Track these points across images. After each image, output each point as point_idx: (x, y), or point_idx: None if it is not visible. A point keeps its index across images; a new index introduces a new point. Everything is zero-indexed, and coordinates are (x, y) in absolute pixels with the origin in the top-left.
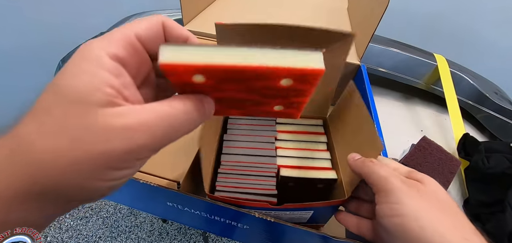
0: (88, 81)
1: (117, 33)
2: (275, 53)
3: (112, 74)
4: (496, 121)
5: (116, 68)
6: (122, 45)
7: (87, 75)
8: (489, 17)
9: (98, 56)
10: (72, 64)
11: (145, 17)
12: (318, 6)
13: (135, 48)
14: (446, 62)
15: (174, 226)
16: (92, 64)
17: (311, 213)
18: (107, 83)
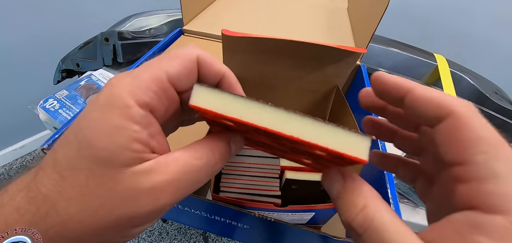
0: (116, 139)
1: (147, 73)
2: (316, 126)
3: (141, 126)
4: (496, 121)
5: (146, 118)
6: (153, 90)
7: (114, 131)
8: (489, 17)
9: (127, 105)
10: (98, 111)
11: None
12: (318, 6)
13: (166, 90)
14: (446, 62)
15: (174, 226)
16: (120, 117)
17: (313, 214)
18: (135, 138)
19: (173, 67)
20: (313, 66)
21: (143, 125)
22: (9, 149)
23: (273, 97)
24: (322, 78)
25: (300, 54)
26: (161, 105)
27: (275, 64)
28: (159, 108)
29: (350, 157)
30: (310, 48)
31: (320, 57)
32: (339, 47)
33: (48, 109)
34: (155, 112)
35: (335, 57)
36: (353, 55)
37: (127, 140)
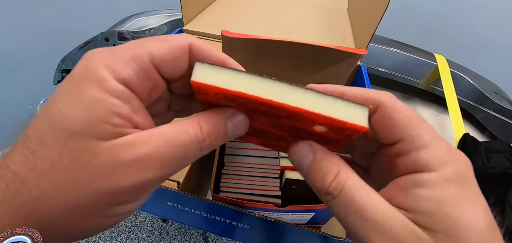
0: (93, 111)
1: (128, 51)
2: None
3: (121, 101)
4: (496, 121)
5: (125, 93)
6: (132, 67)
7: (91, 103)
8: (490, 17)
9: (103, 78)
10: (73, 85)
11: (169, 36)
12: (318, 6)
13: (147, 71)
14: (446, 62)
15: (174, 226)
16: (96, 89)
17: (313, 215)
18: (115, 112)
19: (159, 50)
20: (313, 67)
21: (123, 99)
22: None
23: None
24: (322, 79)
25: (299, 55)
26: (141, 86)
27: (274, 65)
28: (139, 89)
29: (352, 126)
30: (310, 49)
31: (320, 58)
32: (339, 48)
33: None
34: (135, 92)
35: (335, 58)
36: (353, 56)
37: (105, 112)
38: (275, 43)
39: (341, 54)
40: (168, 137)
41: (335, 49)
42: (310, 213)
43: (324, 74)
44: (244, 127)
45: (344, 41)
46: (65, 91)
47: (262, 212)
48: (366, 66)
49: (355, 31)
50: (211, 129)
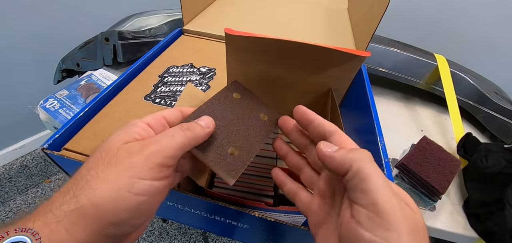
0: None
1: (151, 114)
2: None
3: (141, 129)
4: (496, 121)
5: (145, 127)
6: (151, 118)
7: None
8: (490, 17)
9: (136, 122)
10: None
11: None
12: (318, 6)
13: (160, 121)
14: (446, 62)
15: (174, 226)
16: (131, 125)
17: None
18: (136, 132)
19: (165, 112)
20: (316, 68)
21: (144, 129)
22: (9, 148)
23: (276, 96)
24: (325, 80)
25: (303, 56)
26: (157, 126)
27: (277, 64)
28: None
29: None
30: (314, 51)
31: (323, 60)
32: (343, 51)
33: (48, 109)
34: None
35: (339, 61)
36: (357, 58)
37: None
38: (278, 42)
39: (344, 56)
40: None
41: (338, 51)
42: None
43: (327, 75)
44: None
45: (344, 41)
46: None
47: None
48: (366, 66)
49: (355, 31)
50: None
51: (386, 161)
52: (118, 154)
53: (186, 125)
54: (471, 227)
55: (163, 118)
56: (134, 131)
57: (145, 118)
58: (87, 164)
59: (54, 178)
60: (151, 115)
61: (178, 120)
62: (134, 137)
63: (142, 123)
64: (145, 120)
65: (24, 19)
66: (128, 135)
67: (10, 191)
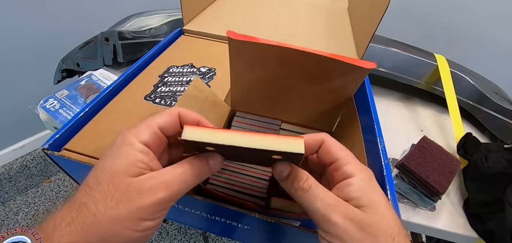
0: (127, 160)
1: (144, 125)
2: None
3: (142, 154)
4: (496, 121)
5: (145, 149)
6: (148, 133)
7: (125, 156)
8: (490, 17)
9: (132, 142)
10: (114, 148)
11: (165, 111)
12: (318, 6)
13: (157, 135)
14: (446, 62)
15: (174, 226)
16: (128, 148)
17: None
18: (139, 160)
19: (161, 120)
20: (320, 77)
21: (144, 153)
22: (9, 148)
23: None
24: (329, 88)
25: (307, 64)
26: (154, 143)
27: (281, 70)
28: (153, 145)
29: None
30: (318, 59)
31: (327, 69)
32: (347, 61)
33: (48, 109)
34: (151, 148)
35: (342, 71)
36: (361, 70)
37: (134, 160)
38: (282, 49)
39: (348, 67)
40: (173, 171)
41: (341, 61)
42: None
43: (331, 84)
44: (220, 162)
45: (344, 42)
46: (111, 152)
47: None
48: None
49: (355, 31)
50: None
51: (386, 162)
52: (129, 192)
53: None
54: (471, 227)
55: (159, 131)
56: (136, 159)
57: (140, 133)
58: (92, 194)
59: (54, 178)
60: (146, 127)
61: (175, 127)
62: (138, 166)
63: (140, 144)
64: (141, 137)
65: (24, 19)
66: (131, 165)
67: (10, 191)
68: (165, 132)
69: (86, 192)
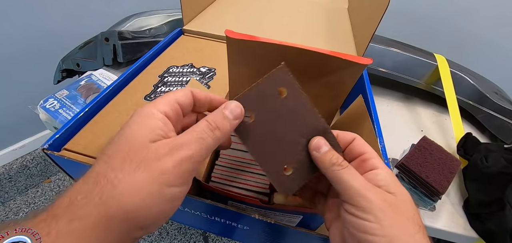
0: (146, 127)
1: (163, 98)
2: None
3: (161, 122)
4: (496, 121)
5: (164, 119)
6: (167, 106)
7: (145, 124)
8: (490, 17)
9: (152, 112)
10: (134, 118)
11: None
12: (318, 6)
13: (175, 108)
14: (447, 62)
15: (174, 226)
16: (148, 118)
17: (300, 217)
18: (158, 128)
19: (179, 94)
20: (318, 73)
21: (163, 122)
22: (9, 148)
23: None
24: (327, 84)
25: (304, 61)
26: (173, 115)
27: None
28: (171, 117)
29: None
30: (315, 56)
31: (324, 66)
32: (343, 57)
33: (48, 109)
34: (170, 119)
35: (340, 67)
36: (358, 65)
37: (154, 127)
38: (279, 47)
39: (345, 63)
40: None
41: (338, 57)
42: (298, 216)
43: (328, 81)
44: (236, 106)
45: (344, 42)
46: (130, 122)
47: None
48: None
49: (355, 31)
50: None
51: (386, 162)
52: (147, 157)
53: (214, 121)
54: (471, 227)
55: (177, 105)
56: (156, 126)
57: (160, 105)
58: (110, 162)
59: (54, 178)
60: (165, 101)
61: (190, 105)
62: (158, 133)
63: (159, 113)
64: (161, 109)
65: (24, 19)
66: (151, 131)
67: (10, 191)
68: (182, 107)
69: (104, 161)
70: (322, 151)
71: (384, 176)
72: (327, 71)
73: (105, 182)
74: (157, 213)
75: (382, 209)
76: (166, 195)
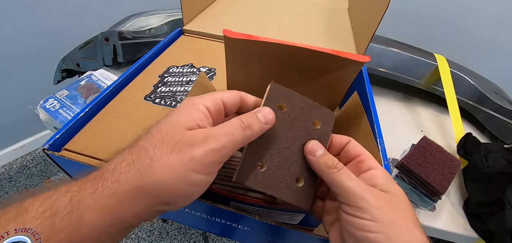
0: (188, 115)
1: (210, 95)
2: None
3: (202, 114)
4: (496, 121)
5: (205, 111)
6: (211, 102)
7: (187, 112)
8: (490, 17)
9: (196, 103)
10: (181, 106)
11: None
12: (318, 6)
13: (218, 106)
14: (447, 62)
15: (174, 226)
16: (192, 107)
17: (303, 216)
18: (198, 118)
19: (225, 95)
20: (317, 71)
21: (204, 114)
22: (9, 148)
23: None
24: (326, 82)
25: (302, 59)
26: (214, 111)
27: (276, 66)
28: (213, 113)
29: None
30: (312, 55)
31: (322, 64)
32: (341, 55)
33: (48, 109)
34: (211, 114)
35: (338, 65)
36: (355, 63)
37: (194, 116)
38: (277, 46)
39: (343, 61)
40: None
41: (336, 55)
42: (300, 214)
43: (327, 78)
44: (269, 112)
45: (344, 42)
46: (175, 110)
47: (258, 213)
48: (366, 67)
49: (355, 31)
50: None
51: (386, 162)
52: (182, 142)
53: (246, 121)
54: (471, 227)
55: (222, 103)
56: (196, 116)
57: (205, 99)
58: (152, 140)
59: (54, 178)
60: (211, 97)
61: (235, 106)
62: (196, 122)
63: (203, 105)
64: (205, 102)
65: (24, 19)
66: (190, 120)
67: (10, 191)
68: (226, 107)
69: (147, 138)
70: (318, 154)
71: (379, 175)
72: (325, 70)
73: (145, 156)
74: (181, 194)
75: (378, 208)
76: (191, 180)
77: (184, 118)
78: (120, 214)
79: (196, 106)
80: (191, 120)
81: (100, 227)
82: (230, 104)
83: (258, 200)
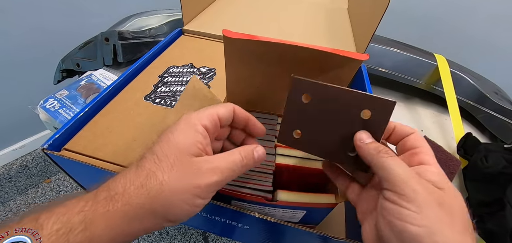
0: (190, 139)
1: (206, 111)
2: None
3: (202, 136)
4: (496, 121)
5: (204, 133)
6: (208, 119)
7: (189, 136)
8: (490, 17)
9: (195, 124)
10: (180, 125)
11: (224, 104)
12: (318, 6)
13: (215, 122)
14: (446, 62)
15: (174, 226)
16: (191, 129)
17: (304, 213)
18: (199, 142)
19: (220, 111)
20: (316, 70)
21: (203, 136)
22: (9, 148)
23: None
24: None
25: (302, 58)
26: (212, 129)
27: (276, 66)
28: (211, 130)
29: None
30: (311, 53)
31: (322, 62)
32: (340, 54)
33: (48, 109)
34: (208, 132)
35: (337, 63)
36: (354, 61)
37: (195, 141)
38: (276, 45)
39: (342, 59)
40: (226, 159)
41: (335, 54)
42: (302, 211)
43: (326, 77)
44: (263, 154)
45: (344, 42)
46: (176, 128)
47: (262, 213)
48: (366, 66)
49: (355, 31)
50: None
51: None
52: (189, 170)
53: (245, 158)
54: None
55: (218, 119)
56: (197, 140)
57: (202, 117)
58: (160, 165)
59: (54, 178)
60: (208, 114)
61: (229, 120)
62: (198, 146)
63: (201, 126)
64: (202, 121)
65: (24, 19)
66: (193, 144)
67: (10, 191)
68: (221, 121)
69: (154, 162)
70: (367, 141)
71: (432, 171)
72: (324, 69)
73: (155, 181)
74: (185, 213)
75: (426, 201)
76: (195, 203)
77: (187, 143)
78: (130, 230)
79: (195, 127)
80: (193, 146)
81: (110, 240)
82: (225, 118)
83: (259, 198)
